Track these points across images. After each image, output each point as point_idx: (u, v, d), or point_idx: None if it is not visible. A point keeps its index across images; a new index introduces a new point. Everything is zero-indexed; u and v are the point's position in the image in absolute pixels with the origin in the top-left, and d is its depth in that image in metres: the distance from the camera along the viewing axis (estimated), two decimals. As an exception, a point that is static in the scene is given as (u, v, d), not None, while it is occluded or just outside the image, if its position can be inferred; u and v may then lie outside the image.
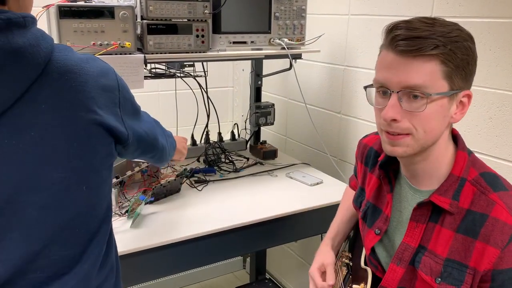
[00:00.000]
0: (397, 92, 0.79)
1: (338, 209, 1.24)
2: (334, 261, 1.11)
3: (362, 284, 1.02)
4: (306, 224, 1.51)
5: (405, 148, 0.83)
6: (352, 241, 1.20)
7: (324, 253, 1.12)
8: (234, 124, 2.03)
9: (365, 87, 0.86)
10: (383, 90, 0.82)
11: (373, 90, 0.85)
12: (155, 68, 1.69)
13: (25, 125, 0.64)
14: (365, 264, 1.06)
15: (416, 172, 0.90)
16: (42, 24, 1.26)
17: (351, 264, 1.13)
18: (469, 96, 0.83)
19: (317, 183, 1.62)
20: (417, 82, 0.77)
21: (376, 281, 1.00)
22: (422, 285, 0.86)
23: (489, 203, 0.81)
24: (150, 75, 1.67)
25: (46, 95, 0.66)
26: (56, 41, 1.20)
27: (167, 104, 2.11)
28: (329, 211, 1.51)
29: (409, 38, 0.76)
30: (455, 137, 0.89)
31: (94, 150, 0.72)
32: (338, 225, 1.19)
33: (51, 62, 0.66)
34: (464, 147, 0.88)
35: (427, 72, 0.77)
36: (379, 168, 0.96)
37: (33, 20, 0.67)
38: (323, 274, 1.09)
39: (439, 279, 0.83)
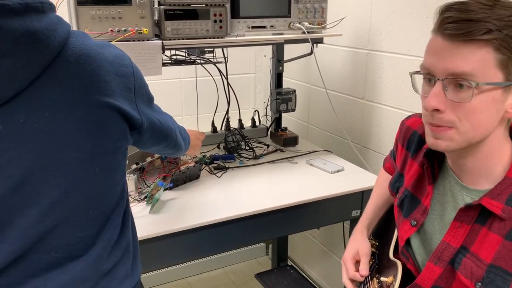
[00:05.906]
0: (443, 80, 0.73)
1: (371, 195, 1.18)
2: (370, 252, 1.06)
3: (391, 278, 0.97)
4: (327, 211, 1.49)
5: (448, 142, 0.77)
6: (381, 228, 1.14)
7: (360, 242, 1.08)
8: (255, 111, 2.01)
9: (411, 74, 0.81)
10: (429, 77, 0.76)
11: (419, 77, 0.80)
12: (176, 54, 1.69)
13: (40, 106, 0.66)
14: (395, 254, 1.01)
15: (464, 168, 0.82)
16: (63, 12, 1.28)
17: (377, 252, 1.09)
18: None
19: (338, 171, 1.59)
20: (464, 70, 0.71)
21: (405, 273, 0.95)
22: (460, 287, 0.81)
23: None
24: (170, 61, 1.67)
25: (60, 78, 0.67)
26: (74, 27, 1.21)
27: (189, 90, 2.11)
28: (350, 199, 1.49)
29: (459, 21, 0.70)
30: None
31: (106, 133, 0.73)
32: (372, 212, 1.14)
33: (67, 47, 0.68)
34: None
35: (477, 59, 0.70)
36: (424, 156, 0.89)
37: (51, 6, 0.68)
38: (357, 263, 1.05)
39: (480, 284, 0.77)
